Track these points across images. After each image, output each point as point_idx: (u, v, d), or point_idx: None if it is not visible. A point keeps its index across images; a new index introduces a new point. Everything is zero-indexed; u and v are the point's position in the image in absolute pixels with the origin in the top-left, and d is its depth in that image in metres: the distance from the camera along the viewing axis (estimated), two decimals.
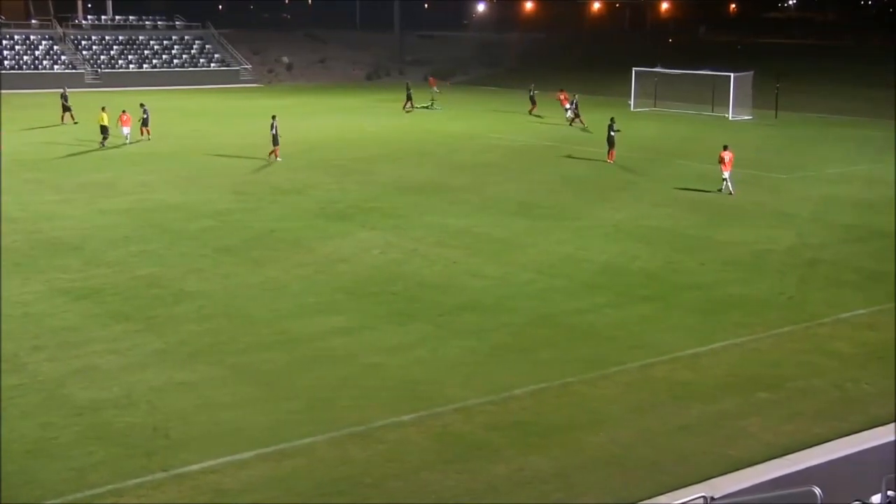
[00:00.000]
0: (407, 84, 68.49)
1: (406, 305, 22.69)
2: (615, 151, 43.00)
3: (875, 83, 79.12)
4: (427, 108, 65.39)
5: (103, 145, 45.89)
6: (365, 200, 34.62)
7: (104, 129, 46.17)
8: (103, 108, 46.71)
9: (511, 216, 31.98)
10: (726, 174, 35.81)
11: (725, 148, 36.11)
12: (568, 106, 59.01)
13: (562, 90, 62.22)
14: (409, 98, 64.81)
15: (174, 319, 21.46)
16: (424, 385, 17.98)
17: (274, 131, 42.11)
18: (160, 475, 14.37)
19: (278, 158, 42.33)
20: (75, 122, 53.61)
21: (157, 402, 16.98)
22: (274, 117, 42.48)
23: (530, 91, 64.10)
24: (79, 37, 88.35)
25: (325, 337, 20.49)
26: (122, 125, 46.90)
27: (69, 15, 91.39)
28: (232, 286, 24.06)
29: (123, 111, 47.52)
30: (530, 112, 62.74)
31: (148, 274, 24.99)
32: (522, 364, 19.13)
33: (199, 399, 17.15)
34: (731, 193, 35.74)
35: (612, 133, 43.04)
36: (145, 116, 48.50)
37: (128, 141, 46.71)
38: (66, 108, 54.92)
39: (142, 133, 48.10)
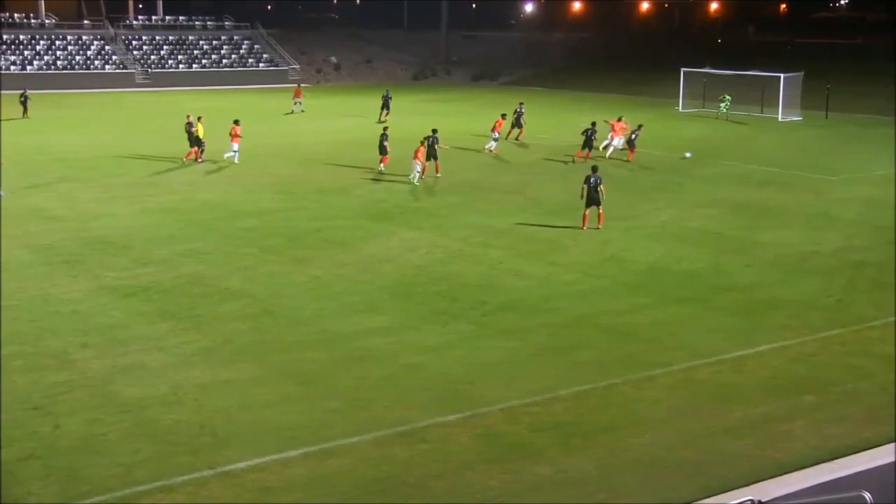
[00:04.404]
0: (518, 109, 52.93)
1: (448, 305, 22.70)
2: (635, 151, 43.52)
3: None
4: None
5: (201, 159, 41.94)
6: (410, 200, 34.69)
7: (199, 142, 41.92)
8: (199, 119, 42.73)
9: (554, 216, 31.84)
10: (617, 140, 37.66)
11: (620, 119, 40.69)
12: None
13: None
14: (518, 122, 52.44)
15: (219, 318, 21.65)
16: (466, 385, 17.98)
17: (384, 141, 39.74)
18: (206, 473, 14.47)
19: (381, 166, 39.51)
20: None
21: (203, 399, 17.13)
22: (385, 128, 41.38)
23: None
24: (130, 37, 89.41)
25: (367, 336, 20.56)
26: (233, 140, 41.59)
27: (121, 15, 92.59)
28: (276, 285, 24.22)
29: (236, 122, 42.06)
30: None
31: (193, 272, 25.22)
32: (564, 365, 19.07)
33: (244, 397, 17.28)
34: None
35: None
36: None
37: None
38: None
39: None
